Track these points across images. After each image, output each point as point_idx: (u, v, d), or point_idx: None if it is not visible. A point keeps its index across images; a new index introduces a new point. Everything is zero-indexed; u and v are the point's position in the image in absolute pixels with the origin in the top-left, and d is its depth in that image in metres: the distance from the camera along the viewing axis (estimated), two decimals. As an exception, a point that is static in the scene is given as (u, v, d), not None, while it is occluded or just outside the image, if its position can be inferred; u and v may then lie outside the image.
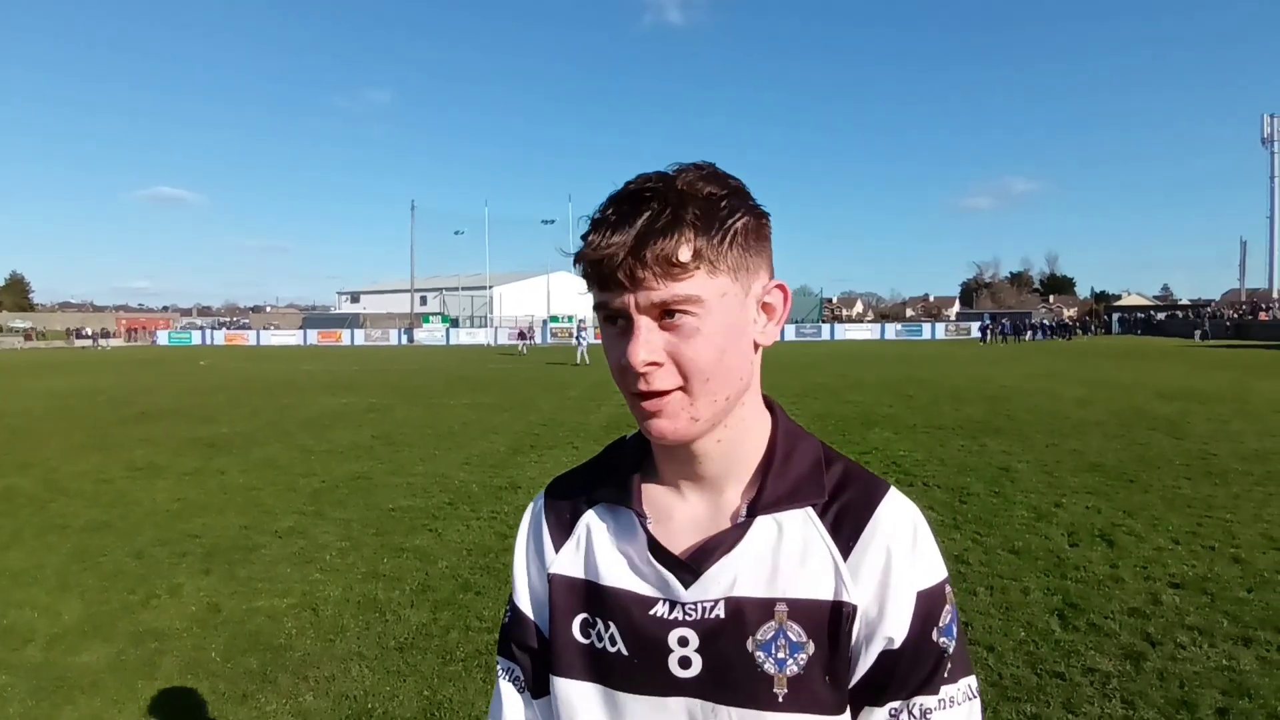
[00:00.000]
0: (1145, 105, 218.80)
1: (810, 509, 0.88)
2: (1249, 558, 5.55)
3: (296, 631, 4.67)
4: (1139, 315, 74.99)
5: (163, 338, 71.46)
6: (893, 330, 67.45)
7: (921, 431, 11.78)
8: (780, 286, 0.90)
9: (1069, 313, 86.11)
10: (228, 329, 78.13)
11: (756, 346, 0.89)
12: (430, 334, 65.15)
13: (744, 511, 0.89)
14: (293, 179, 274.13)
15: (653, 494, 0.94)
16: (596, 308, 0.85)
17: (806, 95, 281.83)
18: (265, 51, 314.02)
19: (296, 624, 4.78)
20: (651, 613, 0.88)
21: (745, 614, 0.85)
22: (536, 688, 0.99)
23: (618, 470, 0.97)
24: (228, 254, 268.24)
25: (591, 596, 0.93)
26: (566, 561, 0.96)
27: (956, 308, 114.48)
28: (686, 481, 0.93)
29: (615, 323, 0.84)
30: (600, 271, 0.81)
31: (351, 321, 74.81)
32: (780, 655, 0.85)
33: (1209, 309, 68.17)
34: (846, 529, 0.87)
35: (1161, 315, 73.36)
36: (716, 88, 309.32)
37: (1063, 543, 6.02)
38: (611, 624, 0.91)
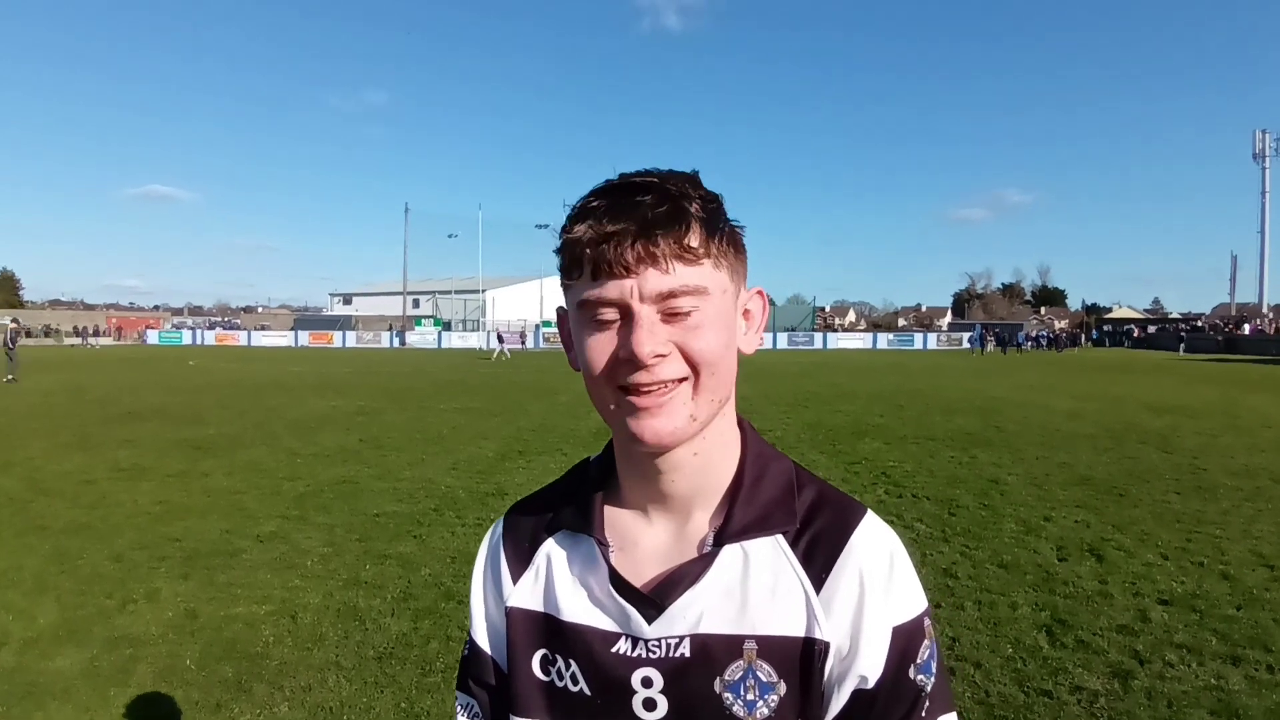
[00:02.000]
0: (1138, 119, 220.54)
1: (780, 537, 0.84)
2: (1238, 574, 5.52)
3: (274, 639, 4.60)
4: (1128, 328, 75.25)
5: (153, 337, 71.12)
6: (885, 340, 67.49)
7: (912, 442, 11.75)
8: (760, 293, 0.88)
9: (1060, 324, 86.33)
10: (219, 329, 77.78)
11: (738, 353, 0.86)
12: (422, 337, 65.00)
13: (710, 540, 0.84)
14: (287, 179, 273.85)
15: (616, 519, 0.89)
16: (581, 304, 0.79)
17: (802, 103, 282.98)
18: (261, 49, 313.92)
19: (274, 632, 4.70)
20: (614, 650, 0.83)
21: (712, 652, 0.80)
22: None
23: (579, 494, 0.92)
24: (220, 253, 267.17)
25: (551, 631, 0.88)
26: (524, 594, 0.91)
27: (948, 318, 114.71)
28: (653, 504, 0.87)
29: (604, 317, 0.78)
30: (599, 258, 0.76)
31: (343, 323, 74.58)
32: (750, 697, 0.79)
33: (1185, 324, 68.52)
34: (819, 559, 0.82)
35: (1152, 328, 73.64)
36: (712, 94, 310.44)
37: (1052, 557, 5.98)
38: (572, 661, 0.86)
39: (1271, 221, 71.21)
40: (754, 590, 0.82)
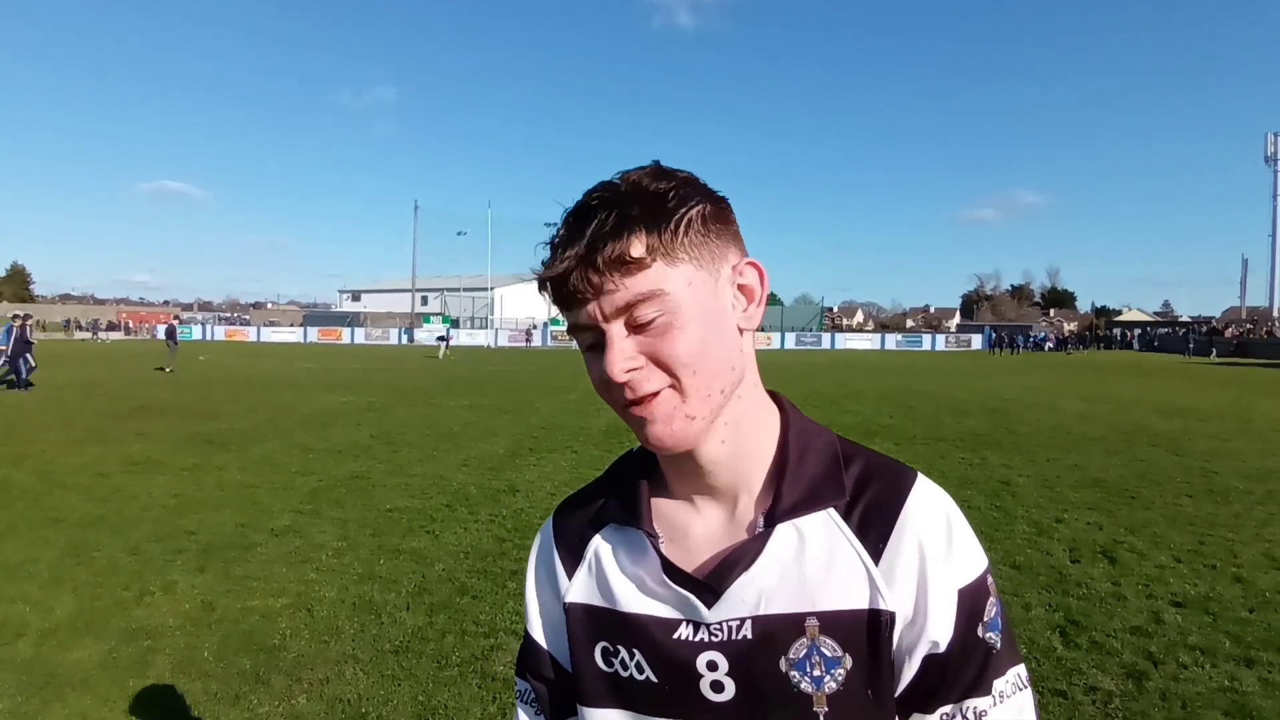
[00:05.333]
0: (1150, 122, 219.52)
1: (832, 510, 0.83)
2: (1251, 577, 5.51)
3: (291, 632, 4.63)
4: (1138, 331, 74.97)
5: (162, 332, 71.44)
6: (893, 341, 67.35)
7: (922, 443, 11.75)
8: (753, 264, 0.86)
9: (1069, 327, 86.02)
10: (228, 324, 78.09)
11: (741, 332, 0.84)
12: (430, 334, 65.16)
13: (761, 521, 0.84)
14: (297, 175, 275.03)
15: (663, 510, 0.90)
16: (570, 331, 0.82)
17: (813, 103, 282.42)
18: (272, 46, 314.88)
19: (291, 625, 4.74)
20: (676, 636, 0.84)
21: (775, 632, 0.81)
22: (557, 715, 0.96)
23: (624, 488, 0.93)
24: (230, 250, 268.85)
25: (610, 623, 0.89)
26: (580, 589, 0.92)
27: (957, 319, 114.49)
28: (697, 493, 0.88)
29: (587, 343, 0.81)
30: (560, 290, 0.79)
31: (352, 320, 74.73)
32: (816, 673, 0.80)
33: (1191, 327, 68.24)
34: (874, 529, 0.82)
35: (1162, 331, 73.36)
36: (723, 93, 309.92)
37: (1064, 559, 5.98)
38: (636, 651, 0.86)
39: (1283, 225, 70.75)
40: (811, 566, 0.81)
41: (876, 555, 0.81)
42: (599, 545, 0.93)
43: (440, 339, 42.66)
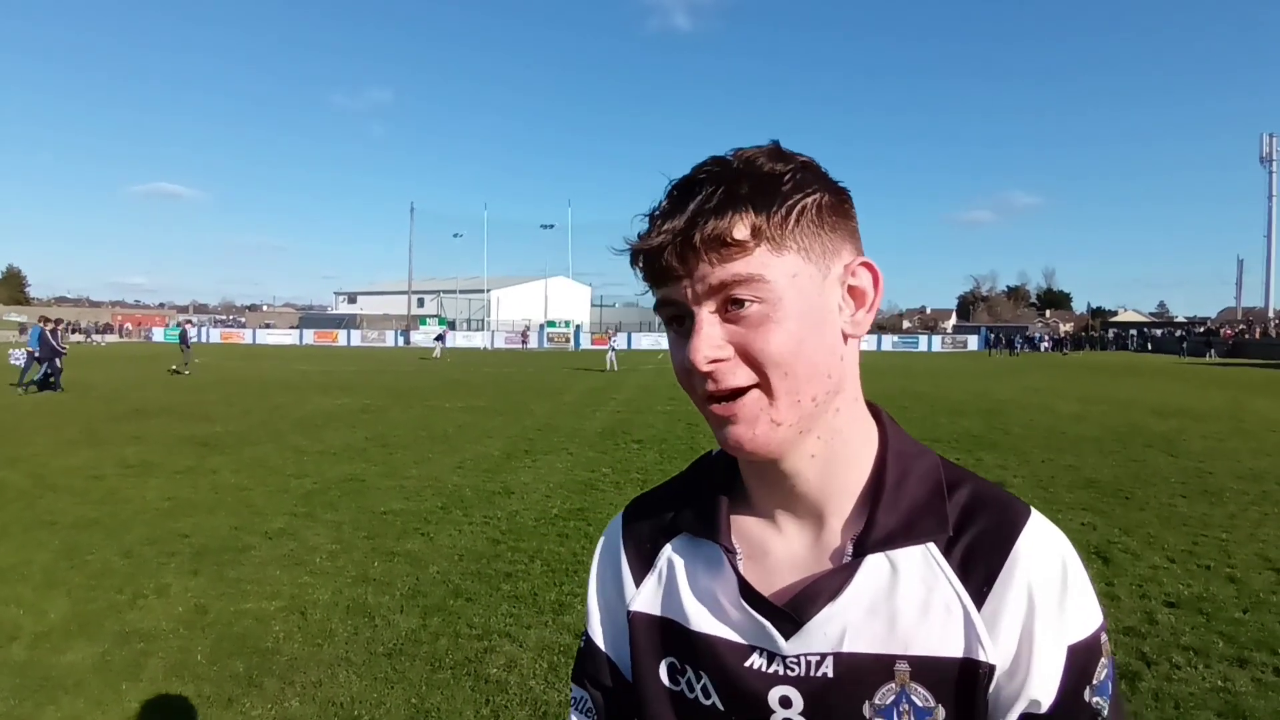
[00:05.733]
0: (1146, 123, 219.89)
1: (932, 545, 0.75)
2: (1245, 578, 5.52)
3: (284, 635, 4.62)
4: (1134, 332, 75.16)
5: (158, 334, 71.31)
6: (889, 341, 67.42)
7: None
8: (867, 265, 0.79)
9: (1065, 328, 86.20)
10: (223, 327, 78.01)
11: (846, 338, 0.78)
12: (427, 336, 65.15)
13: (850, 549, 0.77)
14: (292, 177, 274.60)
15: (743, 525, 0.83)
16: (657, 308, 0.77)
17: (809, 105, 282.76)
18: (268, 47, 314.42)
19: (284, 627, 4.73)
20: (747, 664, 0.78)
21: (860, 674, 0.73)
22: None
23: (703, 495, 0.87)
24: (225, 252, 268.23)
25: (678, 640, 0.83)
26: (648, 598, 0.87)
27: (953, 320, 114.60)
28: (781, 510, 0.81)
29: (680, 323, 0.75)
30: (652, 264, 0.74)
31: (348, 322, 74.73)
32: None
33: (1187, 328, 68.53)
34: (979, 570, 0.73)
35: (1158, 332, 73.57)
36: (719, 94, 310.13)
37: (1058, 559, 5.97)
38: (703, 674, 0.80)
39: (1279, 225, 71.00)
40: (904, 605, 0.74)
41: (979, 599, 0.73)
42: (671, 555, 0.87)
43: (436, 339, 42.69)
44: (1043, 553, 0.74)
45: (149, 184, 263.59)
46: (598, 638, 0.92)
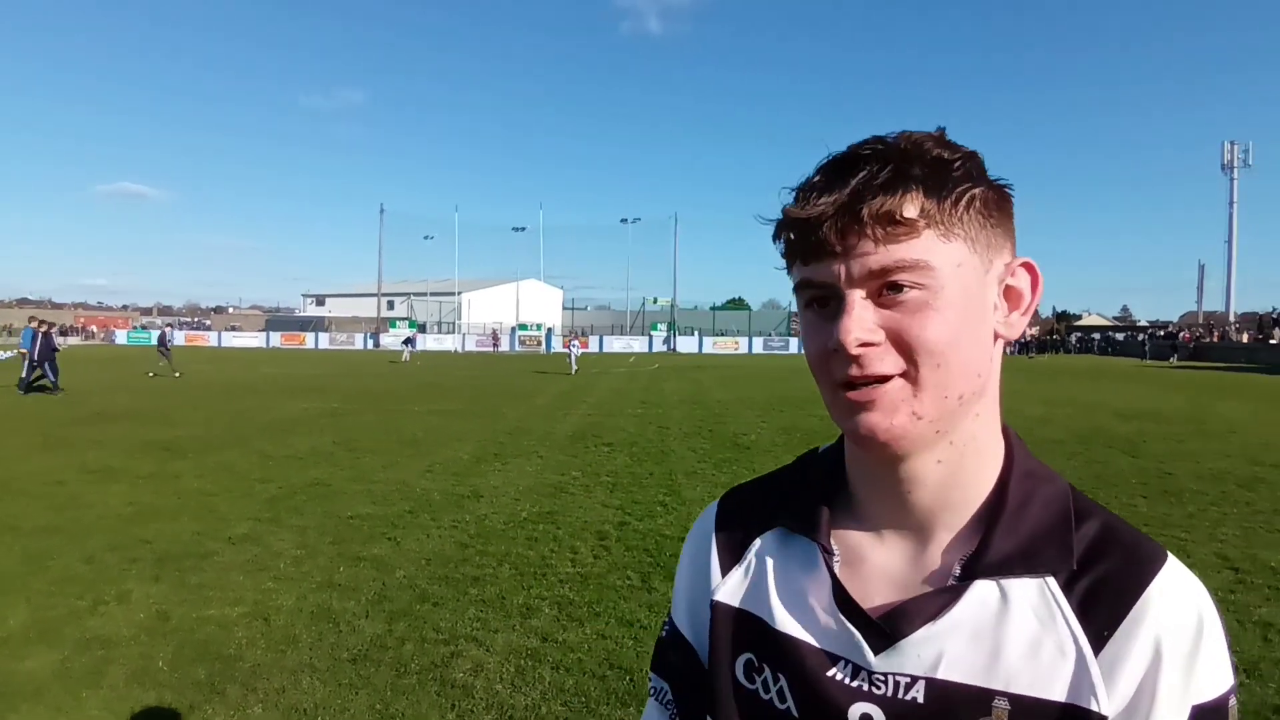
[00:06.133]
0: (1112, 131, 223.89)
1: (1051, 579, 0.69)
2: (1203, 577, 5.49)
3: (247, 641, 4.56)
4: (1097, 335, 76.34)
5: (121, 336, 70.11)
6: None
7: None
8: (1027, 265, 0.75)
9: (1032, 331, 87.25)
10: (188, 329, 76.89)
11: (997, 339, 0.74)
12: (396, 339, 64.71)
13: (958, 569, 0.71)
14: (261, 178, 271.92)
15: (843, 529, 0.79)
16: (798, 288, 0.73)
17: (779, 107, 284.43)
18: (236, 46, 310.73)
19: (247, 634, 4.67)
20: (830, 674, 0.73)
21: (953, 704, 0.68)
22: (685, 715, 0.87)
23: (804, 490, 0.83)
24: (191, 253, 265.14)
25: (759, 636, 0.79)
26: (733, 589, 0.83)
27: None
28: (887, 516, 0.76)
29: (822, 305, 0.71)
30: (805, 237, 0.69)
31: (316, 325, 73.91)
32: None
33: (1149, 332, 69.76)
34: (1102, 613, 0.67)
35: (1121, 335, 74.77)
36: (691, 98, 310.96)
37: (1021, 559, 6.06)
38: (781, 676, 0.76)
39: (1240, 231, 72.52)
40: (1012, 639, 0.68)
41: (1099, 644, 0.67)
42: (764, 547, 0.83)
43: (405, 342, 42.38)
44: (1177, 601, 0.68)
45: (114, 184, 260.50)
46: (682, 623, 0.89)
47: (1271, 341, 48.74)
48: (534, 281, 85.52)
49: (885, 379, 0.68)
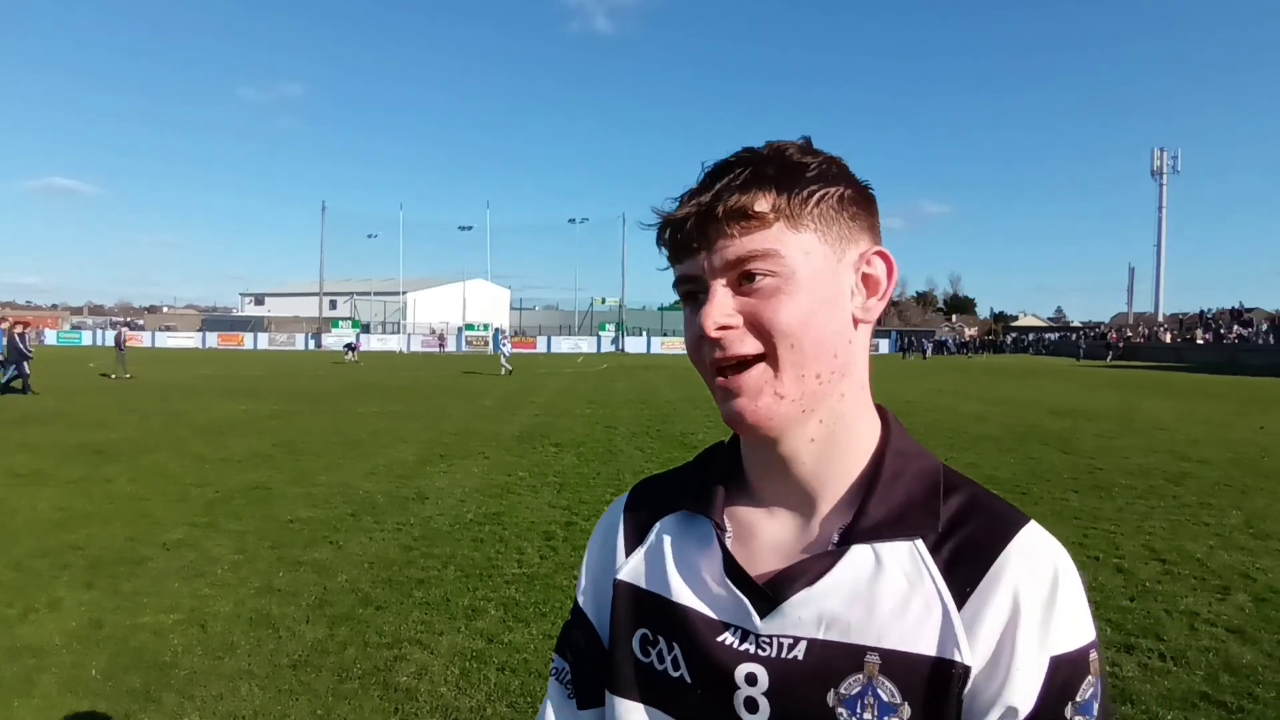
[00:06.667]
0: (1047, 138, 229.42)
1: (920, 542, 0.74)
2: (1131, 568, 5.82)
3: (183, 649, 4.45)
4: (1032, 335, 78.43)
5: (50, 337, 67.76)
6: (804, 345, 68.74)
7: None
8: (882, 254, 0.80)
9: (970, 332, 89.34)
10: (121, 329, 74.63)
11: (857, 324, 0.79)
12: (339, 339, 63.66)
13: (836, 537, 0.76)
14: (196, 172, 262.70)
15: (737, 507, 0.84)
16: (676, 284, 0.80)
17: (726, 111, 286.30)
18: (169, 36, 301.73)
19: (183, 641, 4.56)
20: (719, 639, 0.78)
21: (829, 661, 0.72)
22: (582, 695, 0.91)
23: (703, 477, 0.88)
24: (123, 250, 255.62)
25: (656, 611, 0.83)
26: (634, 569, 0.88)
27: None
28: (775, 495, 0.82)
29: (695, 299, 0.77)
30: (675, 237, 0.77)
31: (255, 325, 72.35)
32: (866, 716, 0.70)
33: (1081, 332, 71.95)
34: (965, 571, 0.72)
35: (1055, 336, 76.91)
36: (639, 99, 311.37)
37: (960, 554, 6.20)
38: (675, 645, 0.81)
39: (1168, 235, 75.05)
40: (884, 598, 0.73)
41: (961, 599, 0.71)
42: (667, 528, 0.88)
43: (346, 347, 41.66)
44: (1034, 559, 0.72)
45: (42, 179, 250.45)
46: (585, 605, 0.93)
47: (1198, 342, 50.61)
48: (481, 281, 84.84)
49: (746, 360, 0.74)
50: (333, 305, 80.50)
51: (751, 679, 0.75)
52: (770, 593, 0.76)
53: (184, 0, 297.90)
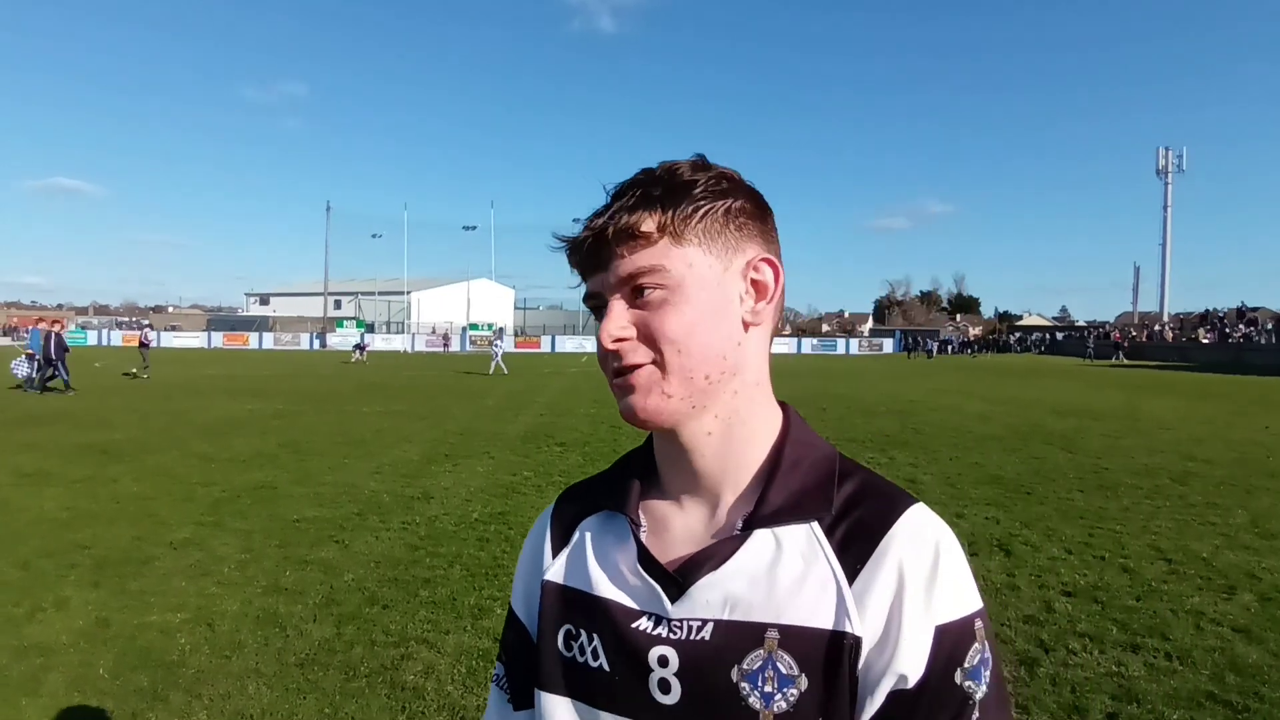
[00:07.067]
0: (1052, 137, 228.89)
1: (815, 525, 0.80)
2: (1137, 567, 5.82)
3: (190, 648, 4.47)
4: (1035, 335, 78.26)
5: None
6: (809, 345, 68.88)
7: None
8: (769, 261, 0.85)
9: (974, 331, 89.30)
10: (126, 329, 74.76)
11: (747, 327, 0.84)
12: (344, 339, 63.69)
13: (739, 524, 0.82)
14: (200, 172, 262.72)
15: (652, 503, 0.90)
16: (585, 300, 0.86)
17: (731, 110, 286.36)
18: (173, 37, 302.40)
19: (190, 640, 4.58)
20: (635, 626, 0.83)
21: (733, 639, 0.78)
22: (518, 697, 0.95)
23: (622, 476, 0.93)
24: (128, 250, 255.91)
25: (579, 606, 0.88)
26: (560, 568, 0.92)
27: (870, 324, 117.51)
28: (684, 487, 0.87)
29: (600, 312, 0.83)
30: (576, 257, 0.84)
31: (260, 324, 72.47)
32: (768, 689, 0.75)
33: (1086, 331, 71.78)
34: (855, 549, 0.78)
35: (1060, 335, 76.73)
36: (642, 98, 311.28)
37: (964, 553, 6.20)
38: (595, 636, 0.85)
39: (1173, 234, 74.87)
40: (782, 578, 0.78)
41: (852, 576, 0.77)
42: (589, 528, 0.93)
43: (355, 347, 41.69)
44: (917, 537, 0.78)
45: (45, 179, 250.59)
46: (518, 608, 0.97)
47: (1204, 341, 50.47)
48: (485, 281, 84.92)
49: (637, 367, 0.80)
50: (337, 305, 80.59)
51: (663, 661, 0.80)
52: (680, 578, 0.81)
53: (187, 1, 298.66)
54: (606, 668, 0.84)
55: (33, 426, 13.43)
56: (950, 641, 0.75)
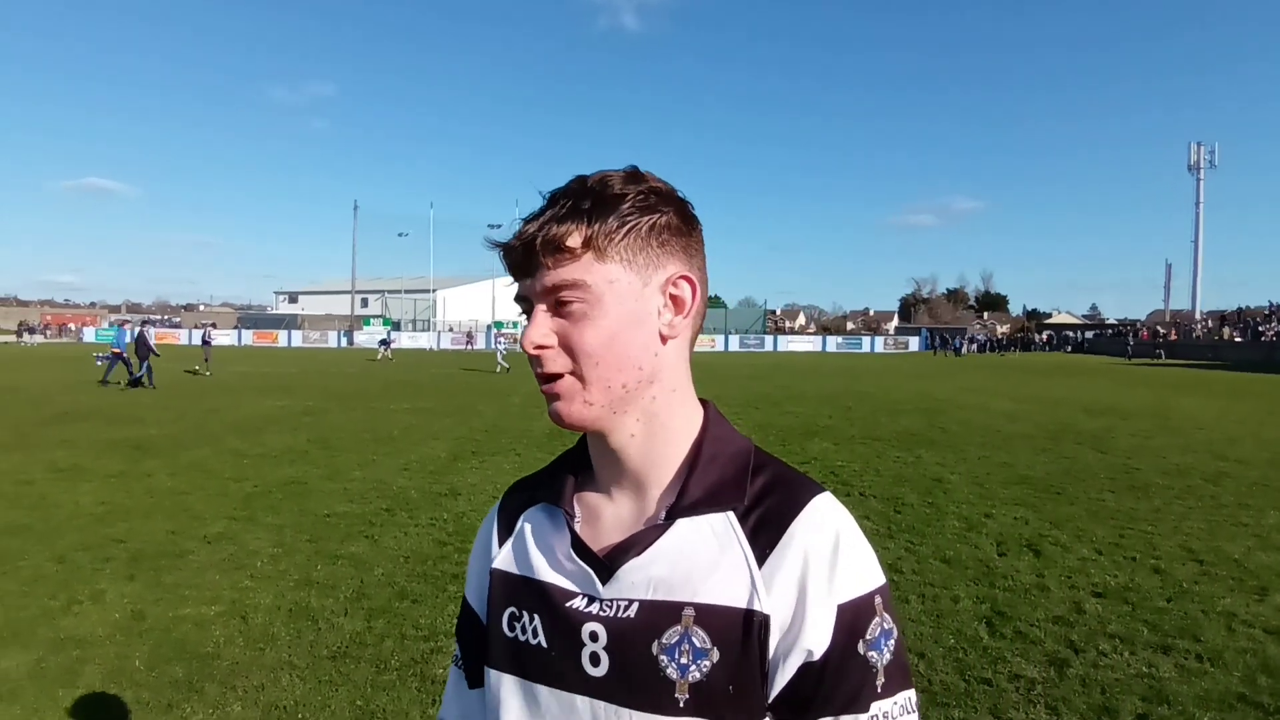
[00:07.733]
0: (1082, 132, 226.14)
1: (731, 513, 0.87)
2: (1169, 568, 5.75)
3: (224, 640, 4.55)
4: (1068, 333, 77.33)
5: (89, 334, 69.00)
6: (834, 343, 68.56)
7: (859, 443, 11.97)
8: (687, 278, 0.90)
9: (1002, 329, 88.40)
10: (158, 327, 75.80)
11: (665, 339, 0.89)
12: (371, 337, 64.17)
13: (662, 515, 0.89)
14: (231, 173, 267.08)
15: (585, 495, 0.97)
16: (515, 300, 0.91)
17: (756, 109, 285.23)
18: (204, 39, 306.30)
19: (225, 632, 4.66)
20: (569, 604, 0.90)
21: (654, 616, 0.85)
22: (472, 676, 1.03)
23: (559, 472, 1.00)
24: (160, 249, 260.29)
25: (521, 590, 0.95)
26: (505, 557, 0.99)
27: (895, 322, 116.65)
28: (614, 482, 0.94)
29: (526, 314, 0.89)
30: (507, 261, 0.89)
31: (289, 322, 73.25)
32: (683, 660, 0.83)
33: (1118, 329, 70.77)
34: (765, 535, 0.85)
35: (1090, 333, 75.77)
36: (668, 96, 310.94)
37: (992, 552, 6.17)
38: (536, 616, 0.92)
39: (1205, 231, 73.69)
40: (700, 561, 0.86)
41: (761, 559, 0.84)
42: (530, 519, 1.00)
43: (381, 342, 42.03)
44: (820, 523, 0.86)
45: (79, 179, 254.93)
46: (470, 596, 1.05)
47: (1237, 339, 49.66)
48: (509, 279, 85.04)
49: (559, 376, 0.86)
50: (364, 303, 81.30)
51: (594, 636, 0.87)
52: (609, 563, 0.88)
53: (216, 3, 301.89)
54: (545, 644, 0.91)
55: (68, 423, 13.67)
56: (851, 617, 0.83)
